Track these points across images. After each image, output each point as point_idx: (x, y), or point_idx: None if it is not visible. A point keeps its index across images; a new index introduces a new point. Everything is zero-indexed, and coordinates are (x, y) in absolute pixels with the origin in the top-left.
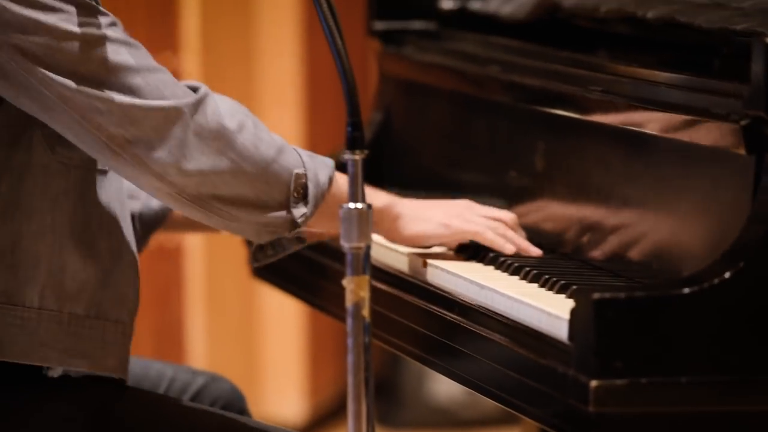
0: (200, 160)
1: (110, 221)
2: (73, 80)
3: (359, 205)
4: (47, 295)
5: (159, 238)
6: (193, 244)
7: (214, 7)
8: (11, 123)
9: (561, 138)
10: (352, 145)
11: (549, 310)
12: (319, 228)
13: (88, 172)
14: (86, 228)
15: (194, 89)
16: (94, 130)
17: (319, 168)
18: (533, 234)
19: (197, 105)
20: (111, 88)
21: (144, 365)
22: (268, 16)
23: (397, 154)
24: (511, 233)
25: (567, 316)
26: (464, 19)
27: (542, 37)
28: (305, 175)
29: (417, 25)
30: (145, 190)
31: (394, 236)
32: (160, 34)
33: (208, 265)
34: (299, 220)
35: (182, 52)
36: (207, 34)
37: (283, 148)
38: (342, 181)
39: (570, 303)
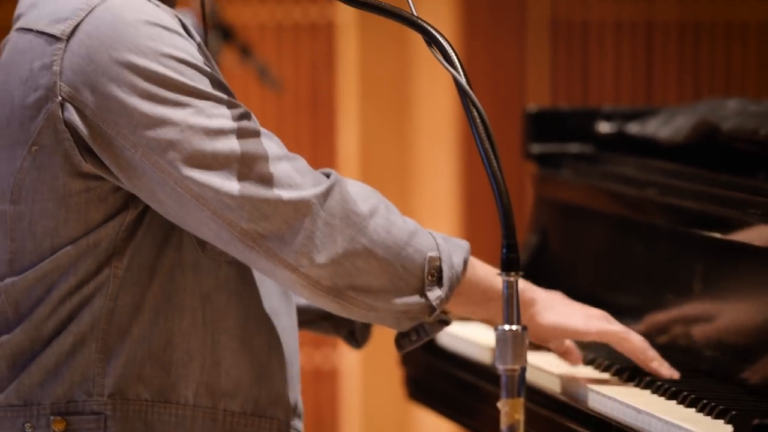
0: (332, 248)
1: (266, 315)
2: (204, 176)
3: (514, 327)
4: (201, 392)
5: (315, 360)
6: (349, 365)
7: (373, 126)
8: (160, 223)
9: (719, 261)
10: (508, 266)
11: None
12: (456, 311)
13: (240, 266)
14: (240, 323)
15: (326, 175)
16: (226, 226)
17: (453, 250)
18: (689, 356)
19: (327, 194)
20: (240, 182)
21: None
22: (426, 137)
23: (553, 276)
24: (648, 345)
25: None
26: (621, 142)
27: (700, 159)
28: (439, 257)
29: (574, 148)
30: (281, 284)
31: (530, 324)
32: (321, 151)
33: (364, 387)
34: (435, 304)
35: (340, 170)
36: (365, 152)
37: (417, 231)
38: (478, 265)
39: (729, 429)
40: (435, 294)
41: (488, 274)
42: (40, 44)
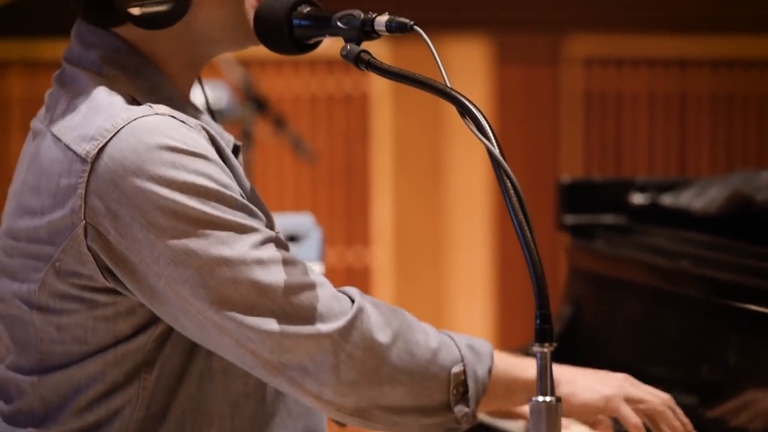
0: (356, 379)
1: (294, 417)
2: (225, 308)
3: (548, 398)
4: None
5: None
6: None
7: (407, 197)
8: None
9: (754, 333)
10: (541, 337)
11: None
12: (484, 410)
13: None
14: (268, 427)
15: (350, 297)
16: (249, 354)
17: (477, 361)
18: (722, 428)
19: (350, 326)
20: (262, 314)
21: None
22: (459, 207)
23: (587, 347)
24: (680, 411)
25: None
26: (655, 213)
27: (734, 230)
28: (464, 371)
29: (607, 219)
30: (306, 404)
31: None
32: (355, 222)
33: None
34: (462, 419)
35: (374, 246)
36: (399, 223)
37: (440, 346)
38: (499, 360)
39: None
40: (461, 410)
41: (509, 369)
42: (67, 160)
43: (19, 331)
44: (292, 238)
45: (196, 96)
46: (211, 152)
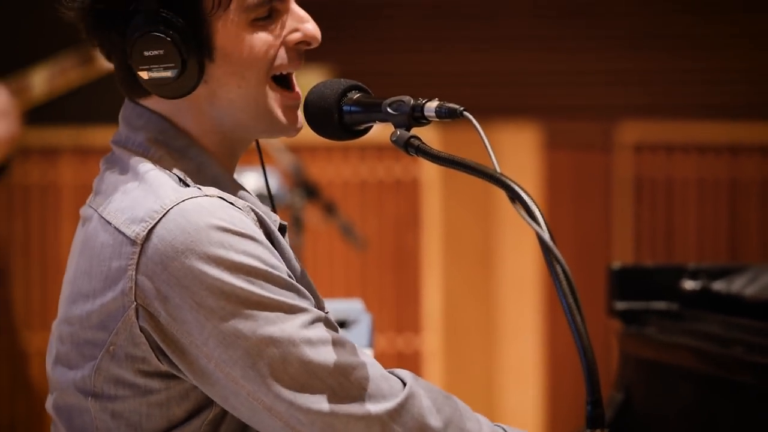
0: None
1: None
2: (274, 389)
3: None
4: None
5: None
6: None
7: (457, 283)
8: None
9: None
10: (593, 423)
11: None
12: None
13: None
14: None
15: (401, 379)
16: None
17: None
18: None
19: (400, 408)
20: (312, 395)
21: None
22: (510, 293)
23: None
24: None
25: None
26: (707, 300)
27: None
28: None
29: (659, 305)
30: None
31: None
32: (405, 308)
33: None
34: None
35: (424, 332)
36: (449, 308)
37: None
38: None
39: None
40: None
41: None
42: (117, 243)
43: (76, 420)
44: (342, 324)
45: (249, 180)
46: (259, 234)
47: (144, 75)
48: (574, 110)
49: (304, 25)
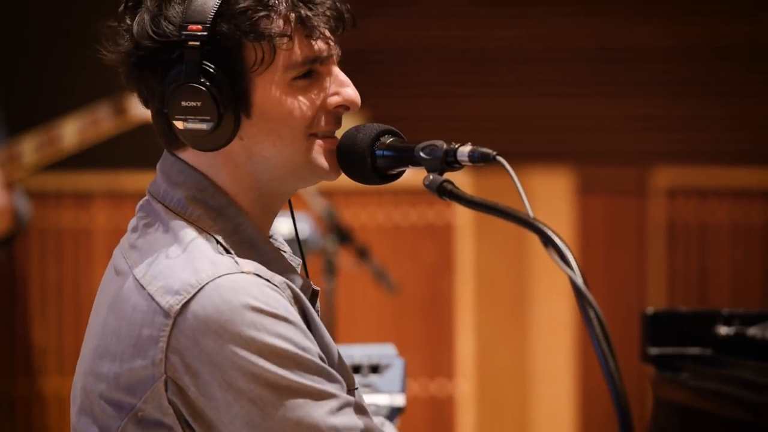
0: None
1: None
2: None
3: None
4: None
5: None
6: None
7: (490, 327)
8: None
9: None
10: None
11: None
12: None
13: None
14: None
15: None
16: None
17: None
18: None
19: None
20: None
21: None
22: (543, 338)
23: None
24: None
25: None
26: (741, 345)
27: None
28: None
29: (693, 350)
30: None
31: None
32: (438, 353)
33: None
34: None
35: (457, 377)
36: (482, 353)
37: None
38: None
39: None
40: None
41: None
42: (150, 310)
43: None
44: (375, 369)
45: (282, 226)
46: (293, 313)
47: (179, 125)
48: (608, 155)
49: (344, 89)
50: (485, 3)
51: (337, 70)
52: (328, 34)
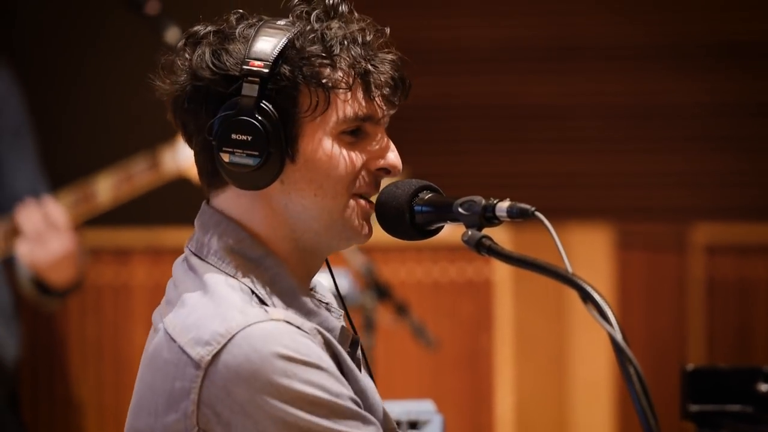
0: None
1: None
2: None
3: None
4: None
5: None
6: None
7: (530, 384)
8: None
9: None
10: None
11: None
12: None
13: None
14: None
15: None
16: None
17: None
18: None
19: None
20: None
21: None
22: (582, 395)
23: None
24: None
25: None
26: None
27: None
28: None
29: (733, 407)
30: None
31: None
32: (478, 409)
33: None
34: None
35: (496, 430)
36: (522, 410)
37: None
38: None
39: None
40: None
41: None
42: (181, 363)
43: None
44: (413, 425)
45: (323, 281)
46: (325, 359)
47: (225, 157)
48: (647, 211)
49: (388, 153)
50: (524, 58)
51: (384, 134)
52: (386, 93)
